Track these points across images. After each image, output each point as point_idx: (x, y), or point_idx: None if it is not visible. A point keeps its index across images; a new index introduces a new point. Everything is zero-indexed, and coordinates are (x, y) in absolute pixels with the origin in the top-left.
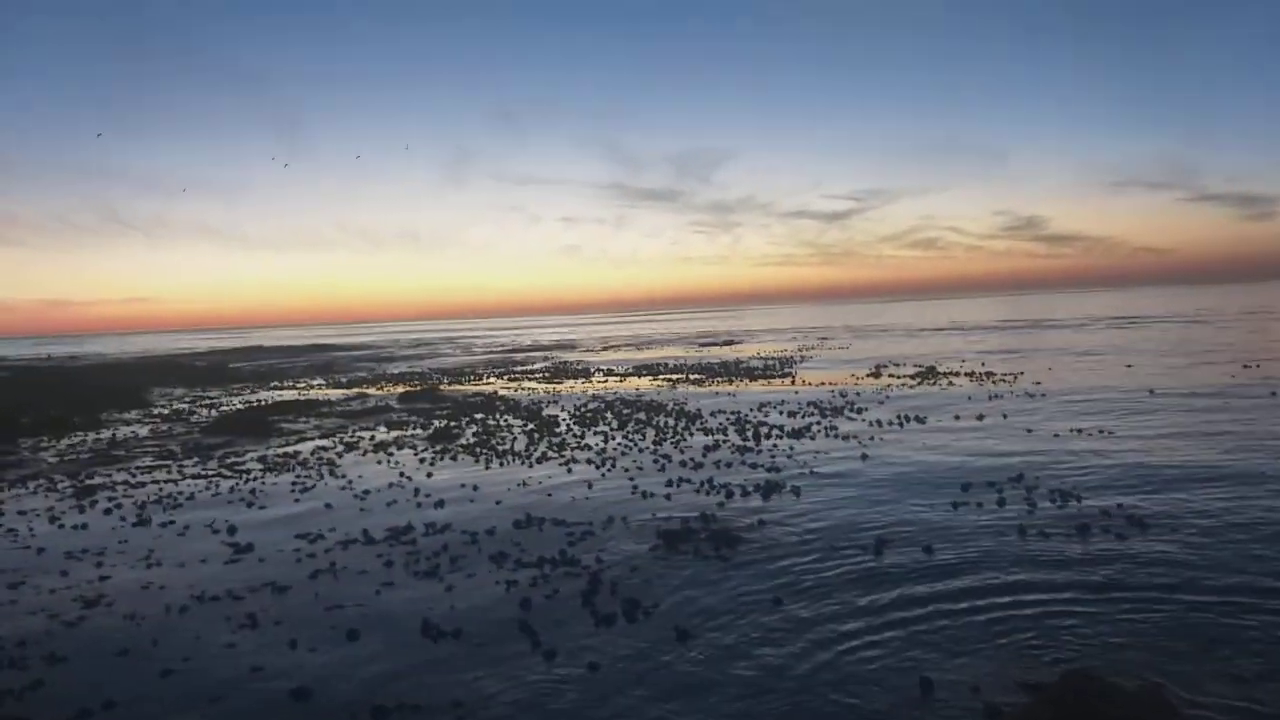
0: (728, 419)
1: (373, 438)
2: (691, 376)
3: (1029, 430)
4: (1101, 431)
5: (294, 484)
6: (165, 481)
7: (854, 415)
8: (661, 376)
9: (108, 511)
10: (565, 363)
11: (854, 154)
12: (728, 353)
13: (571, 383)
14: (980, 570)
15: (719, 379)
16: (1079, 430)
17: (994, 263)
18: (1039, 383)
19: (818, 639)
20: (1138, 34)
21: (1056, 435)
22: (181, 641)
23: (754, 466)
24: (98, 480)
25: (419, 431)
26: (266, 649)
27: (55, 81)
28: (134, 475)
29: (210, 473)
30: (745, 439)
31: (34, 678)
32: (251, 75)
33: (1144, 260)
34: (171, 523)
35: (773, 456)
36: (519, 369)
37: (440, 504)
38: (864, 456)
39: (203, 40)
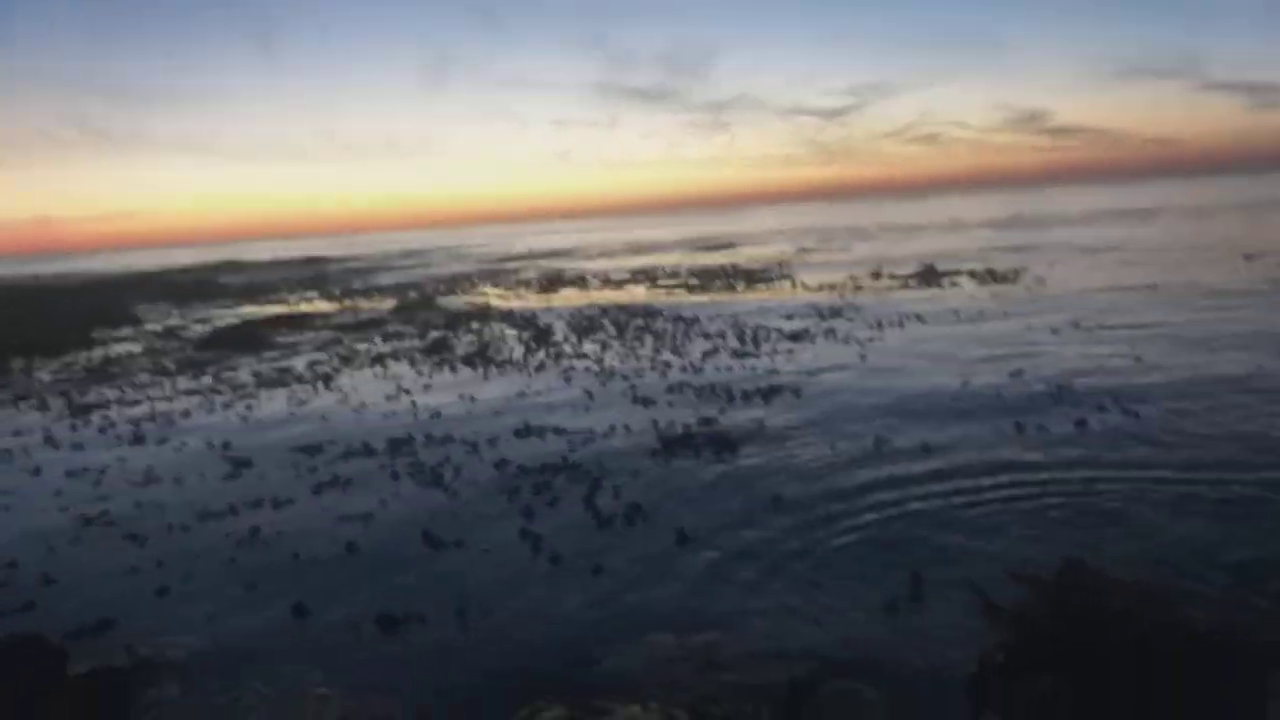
0: (725, 323)
1: (368, 350)
2: (689, 283)
3: (1028, 327)
4: (1101, 327)
5: (290, 398)
6: (159, 399)
7: (853, 316)
8: (659, 283)
9: (103, 430)
10: (560, 271)
11: (852, 47)
12: (725, 258)
13: (568, 291)
14: (976, 465)
15: (717, 284)
16: (1077, 325)
17: (997, 157)
18: (1041, 280)
19: (815, 538)
20: None
21: (1055, 331)
22: (181, 559)
23: (753, 370)
24: (92, 399)
25: (414, 343)
26: (268, 565)
27: None
28: (127, 393)
29: (205, 389)
30: (744, 344)
31: (27, 599)
32: None
33: (1152, 152)
34: (166, 440)
35: (771, 360)
36: (514, 278)
37: (438, 415)
38: (863, 357)
39: None
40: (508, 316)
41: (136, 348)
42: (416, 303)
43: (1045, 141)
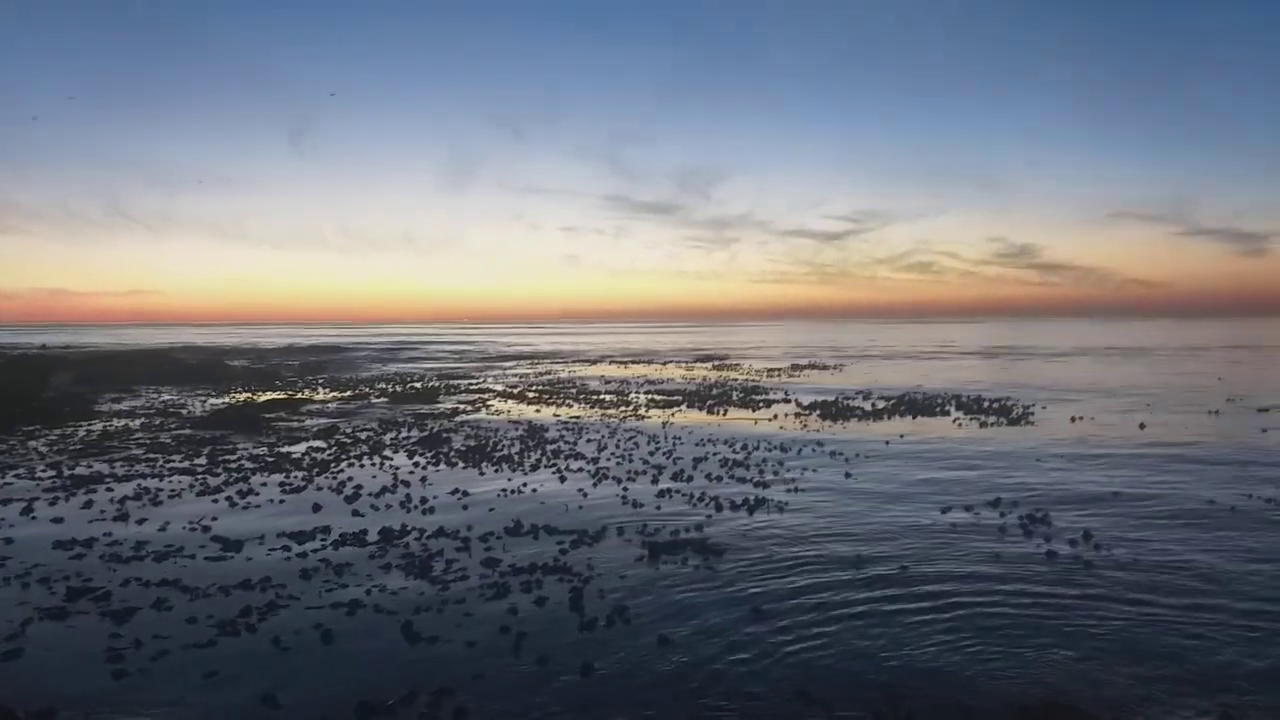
0: (717, 433)
1: (367, 439)
2: (686, 390)
3: (1014, 461)
4: (1077, 458)
5: (284, 483)
6: (152, 476)
7: (842, 435)
8: (656, 390)
9: (89, 505)
10: (562, 372)
11: (853, 176)
12: (721, 371)
13: (567, 393)
14: (957, 586)
15: (713, 394)
16: (1063, 457)
17: (987, 288)
18: (1030, 413)
19: (794, 650)
20: (1138, 69)
21: (1038, 460)
22: (156, 640)
23: (741, 480)
24: (83, 471)
25: (413, 434)
26: (246, 650)
27: (62, 68)
28: (119, 469)
29: (200, 468)
30: (734, 453)
31: None
32: (261, 75)
33: (1135, 292)
34: (154, 518)
35: (760, 471)
36: (517, 377)
37: (432, 509)
38: (847, 475)
39: (213, 37)
40: (507, 414)
41: (136, 423)
42: (419, 394)
43: (1035, 276)
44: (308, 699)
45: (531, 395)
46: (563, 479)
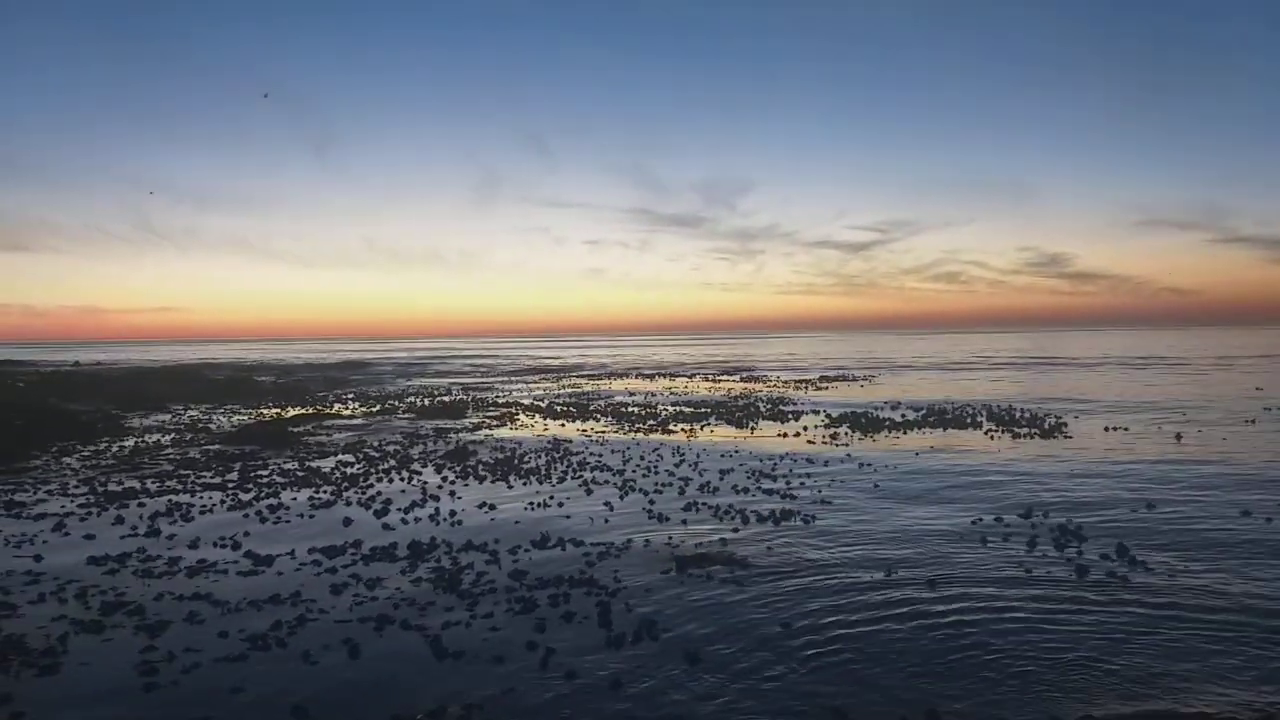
0: (743, 445)
1: (395, 453)
2: (712, 400)
3: (1047, 473)
4: (1111, 471)
5: (314, 498)
6: (183, 491)
7: (871, 448)
8: (682, 402)
9: (121, 520)
10: (587, 384)
11: (879, 185)
12: (749, 388)
13: (594, 405)
14: (989, 600)
15: (739, 405)
16: (1095, 468)
17: (1017, 298)
18: (1064, 425)
19: (825, 665)
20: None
21: (1071, 475)
22: (187, 654)
23: (769, 493)
24: (115, 488)
25: (441, 447)
26: (276, 663)
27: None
28: (151, 485)
29: (230, 484)
30: (761, 463)
31: (6, 691)
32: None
33: (1169, 300)
34: (185, 533)
35: (788, 483)
36: (543, 390)
37: (460, 522)
38: (876, 485)
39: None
40: (532, 428)
41: (166, 439)
42: (446, 409)
43: (1066, 285)
44: (338, 713)
45: (558, 409)
46: (589, 492)
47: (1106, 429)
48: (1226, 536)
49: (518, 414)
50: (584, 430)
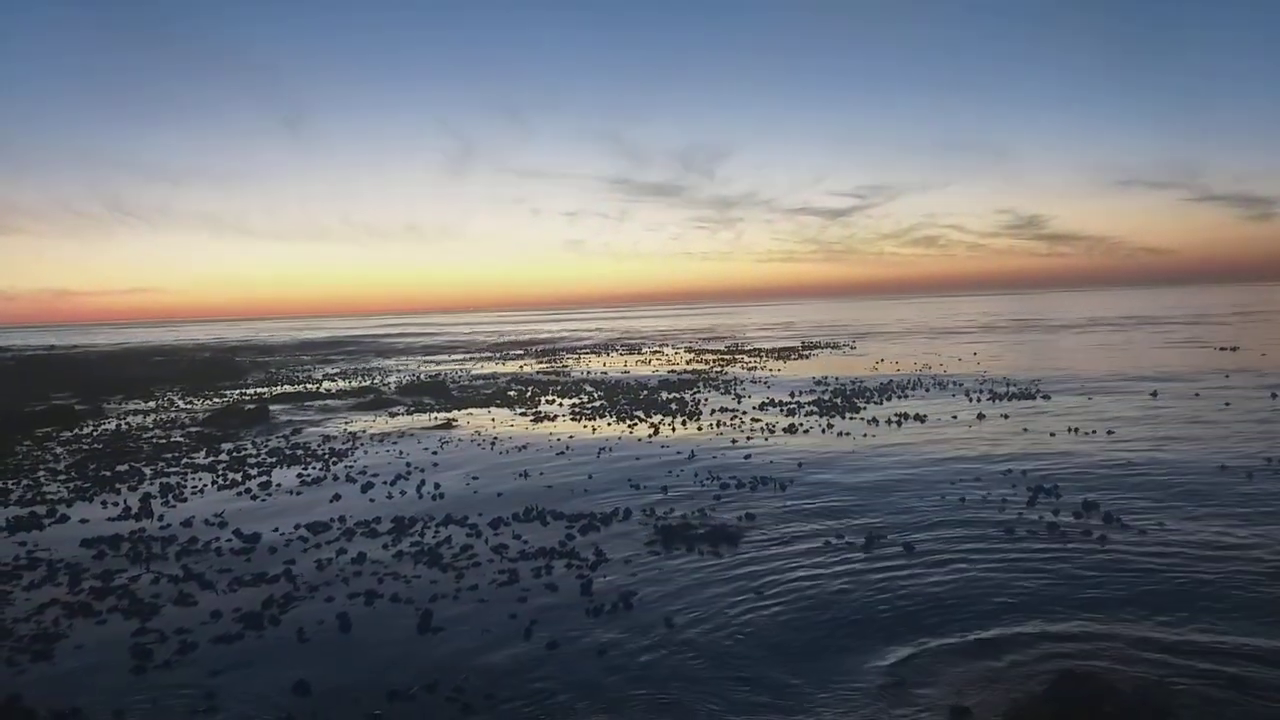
0: (722, 411)
1: (378, 430)
2: (697, 366)
3: (1025, 429)
4: (1110, 433)
5: (300, 475)
6: (169, 473)
7: (851, 414)
8: (661, 369)
9: (108, 504)
10: (567, 357)
11: (857, 150)
12: (728, 349)
13: (575, 373)
14: (963, 566)
15: (719, 370)
16: (1077, 431)
17: (995, 261)
18: (1040, 387)
19: (799, 630)
20: (1141, 33)
21: (1052, 434)
22: (182, 632)
23: (748, 458)
24: (104, 470)
25: (424, 420)
26: (270, 642)
27: (59, 66)
28: (136, 466)
29: (215, 464)
30: (740, 432)
31: (19, 670)
32: (256, 65)
33: (1145, 260)
34: (173, 514)
35: (766, 449)
36: (523, 365)
37: (443, 495)
38: (854, 452)
39: (207, 29)
40: (513, 400)
41: (149, 421)
42: (427, 384)
43: (1043, 247)
44: (337, 687)
45: (542, 381)
46: (571, 461)
47: (1084, 393)
48: (1207, 488)
49: (499, 383)
50: (564, 391)
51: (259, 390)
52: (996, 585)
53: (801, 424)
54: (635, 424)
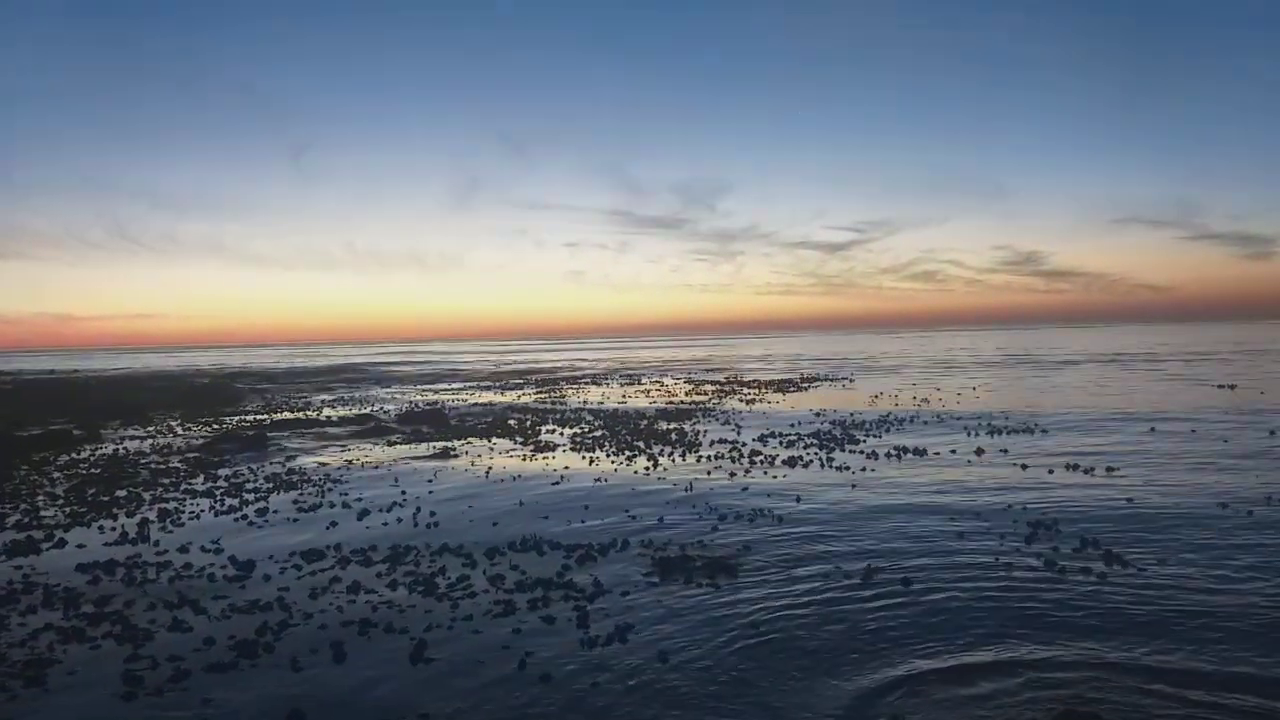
0: (723, 445)
1: (375, 457)
2: (696, 397)
3: (1024, 465)
4: (1109, 469)
5: (295, 502)
6: (165, 499)
7: (850, 447)
8: (661, 403)
9: (104, 530)
10: (566, 386)
11: (856, 186)
12: (730, 389)
13: (572, 403)
14: (961, 600)
15: (720, 399)
16: (1075, 468)
17: (993, 296)
18: (1038, 424)
19: (795, 663)
20: (1140, 73)
21: (1050, 471)
22: (173, 660)
23: (746, 491)
24: (101, 495)
25: (421, 449)
26: (263, 671)
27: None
28: (132, 492)
29: (211, 490)
30: (739, 464)
31: (10, 696)
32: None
33: (1143, 297)
34: (169, 539)
35: (765, 482)
36: (521, 394)
37: (438, 524)
38: (853, 486)
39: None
40: (513, 429)
41: (146, 446)
42: (426, 413)
43: (1041, 283)
44: (331, 718)
45: (539, 410)
46: (567, 492)
47: (1084, 430)
48: (1208, 525)
49: (495, 414)
50: (562, 422)
51: (258, 416)
52: (994, 620)
53: (800, 456)
54: (634, 455)
